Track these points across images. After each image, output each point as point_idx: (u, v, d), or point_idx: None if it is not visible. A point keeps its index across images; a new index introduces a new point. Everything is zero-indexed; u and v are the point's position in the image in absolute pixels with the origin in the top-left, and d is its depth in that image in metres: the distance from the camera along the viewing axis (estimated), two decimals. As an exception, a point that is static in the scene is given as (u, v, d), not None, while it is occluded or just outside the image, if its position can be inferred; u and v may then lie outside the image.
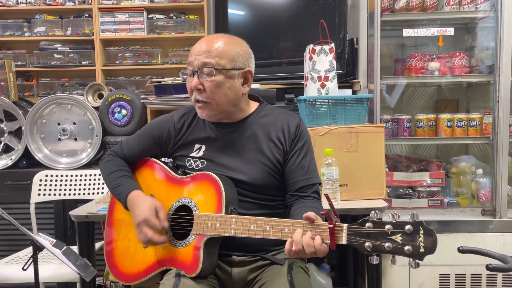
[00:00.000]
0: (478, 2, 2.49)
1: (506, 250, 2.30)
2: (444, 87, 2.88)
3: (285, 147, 1.45)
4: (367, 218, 1.09)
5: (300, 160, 1.44)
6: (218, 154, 1.46)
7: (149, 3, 3.24)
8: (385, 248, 1.05)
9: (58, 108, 2.74)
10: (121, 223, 1.54)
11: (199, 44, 1.40)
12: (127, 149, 1.58)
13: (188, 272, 1.34)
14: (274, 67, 2.81)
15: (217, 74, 1.36)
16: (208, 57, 1.36)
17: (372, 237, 1.07)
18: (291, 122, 1.47)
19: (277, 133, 1.45)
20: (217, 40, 1.39)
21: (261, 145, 1.44)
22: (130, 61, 3.26)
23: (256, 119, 1.48)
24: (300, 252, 1.16)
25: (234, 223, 1.29)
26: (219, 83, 1.37)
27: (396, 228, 1.05)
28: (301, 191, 1.43)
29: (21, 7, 3.27)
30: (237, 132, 1.47)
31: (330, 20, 2.69)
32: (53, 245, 1.46)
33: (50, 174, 2.46)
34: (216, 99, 1.39)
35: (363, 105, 2.05)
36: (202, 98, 1.39)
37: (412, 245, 1.04)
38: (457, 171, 2.63)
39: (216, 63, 1.36)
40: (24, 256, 2.23)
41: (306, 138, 1.48)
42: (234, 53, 1.39)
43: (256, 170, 1.42)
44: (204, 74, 1.37)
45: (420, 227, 1.04)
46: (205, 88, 1.38)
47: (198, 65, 1.37)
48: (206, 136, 1.48)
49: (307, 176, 1.44)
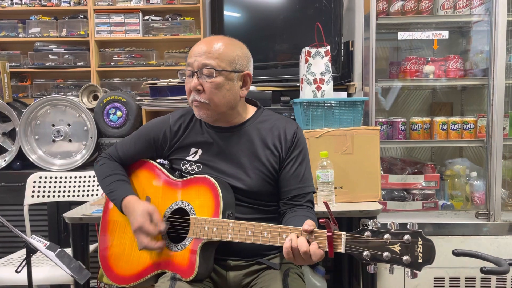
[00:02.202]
0: (473, 6, 2.50)
1: (500, 253, 2.31)
2: (438, 90, 2.89)
3: (281, 155, 1.44)
4: (366, 227, 1.09)
5: (295, 168, 1.44)
6: (214, 158, 1.45)
7: (145, 4, 3.24)
8: (384, 257, 1.05)
9: (52, 109, 2.72)
10: (116, 225, 1.53)
11: (198, 45, 1.39)
12: (123, 152, 1.57)
13: (184, 276, 1.34)
14: (270, 69, 2.82)
15: (217, 75, 1.36)
16: (209, 58, 1.35)
17: (371, 246, 1.07)
18: (288, 130, 1.46)
19: (273, 140, 1.44)
20: (217, 41, 1.39)
21: (258, 151, 1.43)
22: (125, 62, 3.25)
23: (254, 125, 1.47)
24: (296, 253, 1.16)
25: (231, 228, 1.29)
26: (218, 85, 1.36)
27: (394, 238, 1.05)
28: (295, 199, 1.43)
29: (15, 7, 3.25)
30: (234, 137, 1.46)
31: (326, 23, 2.70)
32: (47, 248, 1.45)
33: (44, 176, 2.45)
34: (215, 100, 1.38)
35: (358, 108, 2.05)
36: (200, 99, 1.38)
37: (410, 255, 1.04)
38: (451, 173, 2.64)
39: (216, 65, 1.35)
40: (18, 259, 2.22)
41: (303, 146, 1.47)
42: (234, 55, 1.38)
43: (251, 176, 1.42)
44: (204, 75, 1.36)
45: (418, 237, 1.04)
46: (205, 89, 1.37)
47: (198, 65, 1.36)
48: (203, 140, 1.47)
49: (301, 184, 1.43)
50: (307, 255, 1.15)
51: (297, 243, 1.15)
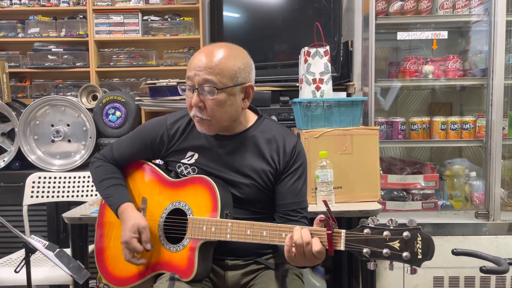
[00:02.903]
0: (472, 6, 2.50)
1: (500, 253, 2.31)
2: (438, 90, 2.89)
3: (278, 168, 1.42)
4: (365, 224, 1.09)
5: (292, 183, 1.42)
6: (210, 164, 1.44)
7: (144, 4, 3.23)
8: (383, 254, 1.06)
9: (51, 109, 2.72)
10: (112, 226, 1.53)
11: (198, 57, 1.32)
12: (119, 153, 1.55)
13: (183, 276, 1.33)
14: (269, 69, 2.82)
15: (219, 92, 1.31)
16: (210, 74, 1.29)
17: (370, 244, 1.07)
18: (288, 143, 1.43)
19: (271, 152, 1.42)
20: (217, 53, 1.32)
21: (254, 162, 1.42)
22: (124, 62, 3.25)
23: (253, 134, 1.45)
24: (298, 250, 1.15)
25: (230, 227, 1.29)
26: (220, 102, 1.32)
27: (394, 235, 1.06)
28: (290, 214, 1.41)
29: (15, 8, 3.24)
30: (232, 145, 1.44)
31: (325, 23, 2.70)
32: (46, 248, 1.45)
33: (43, 176, 2.44)
34: (217, 117, 1.34)
35: (357, 108, 2.05)
36: (202, 115, 1.34)
37: (410, 252, 1.04)
38: (451, 173, 2.64)
39: (218, 82, 1.30)
40: (17, 259, 2.21)
41: (302, 160, 1.45)
42: (236, 69, 1.32)
43: (246, 185, 1.41)
44: (205, 92, 1.31)
45: (417, 233, 1.05)
46: (206, 106, 1.32)
47: (199, 81, 1.31)
48: (200, 145, 1.45)
49: (297, 199, 1.42)
50: (309, 249, 1.14)
51: (301, 235, 1.15)
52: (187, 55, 3.25)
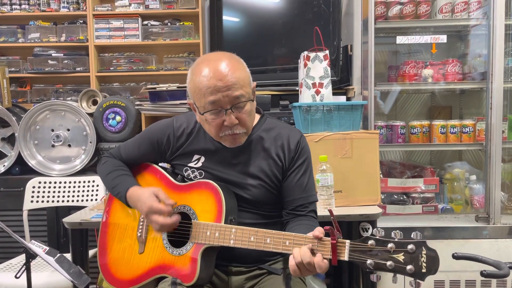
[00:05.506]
0: (471, 10, 2.51)
1: (500, 256, 2.30)
2: (437, 93, 2.90)
3: (285, 165, 1.43)
4: (370, 235, 1.08)
5: (298, 178, 1.43)
6: (217, 167, 1.44)
7: (144, 9, 3.24)
8: (387, 266, 1.04)
9: (52, 114, 2.73)
10: (116, 228, 1.53)
11: (212, 80, 1.28)
12: (126, 154, 1.56)
13: (185, 280, 1.33)
14: (269, 73, 2.82)
15: (247, 103, 1.33)
16: (237, 90, 1.29)
17: (374, 255, 1.06)
18: (292, 139, 1.44)
19: (276, 150, 1.43)
20: (226, 67, 1.30)
21: (261, 161, 1.43)
22: (124, 67, 3.25)
23: (258, 134, 1.45)
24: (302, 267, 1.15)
25: (233, 233, 1.28)
26: (251, 111, 1.36)
27: (398, 247, 1.05)
28: (298, 209, 1.42)
29: (15, 13, 3.25)
30: (238, 146, 1.43)
31: (324, 27, 2.71)
32: (46, 253, 1.44)
33: (43, 181, 2.44)
34: (249, 126, 1.38)
35: (357, 112, 2.05)
36: (241, 130, 1.35)
37: (414, 265, 1.03)
38: (451, 177, 2.64)
39: (246, 93, 1.31)
40: (17, 264, 2.21)
41: (307, 155, 1.46)
42: (247, 75, 1.36)
43: (254, 186, 1.41)
44: (240, 108, 1.32)
45: (422, 246, 1.04)
46: (240, 120, 1.33)
47: (231, 101, 1.30)
48: (206, 148, 1.46)
49: (304, 194, 1.43)
50: (311, 266, 1.13)
51: (300, 255, 1.14)
52: (187, 60, 3.25)
